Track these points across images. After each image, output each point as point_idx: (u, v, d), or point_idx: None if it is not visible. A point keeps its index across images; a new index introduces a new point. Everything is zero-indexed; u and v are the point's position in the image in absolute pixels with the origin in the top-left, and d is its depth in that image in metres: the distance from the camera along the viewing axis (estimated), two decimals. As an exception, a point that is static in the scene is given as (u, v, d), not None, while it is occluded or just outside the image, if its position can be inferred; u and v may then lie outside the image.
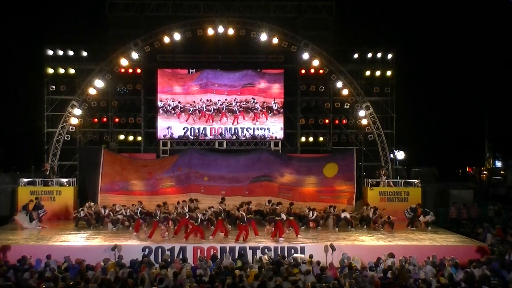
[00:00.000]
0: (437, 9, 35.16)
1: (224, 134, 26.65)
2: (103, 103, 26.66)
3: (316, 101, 27.62)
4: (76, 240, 17.75)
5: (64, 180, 23.81)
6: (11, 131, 34.47)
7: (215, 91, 26.65)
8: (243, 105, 26.69)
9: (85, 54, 26.57)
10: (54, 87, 26.50)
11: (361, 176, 24.56)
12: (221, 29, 24.83)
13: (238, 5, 26.73)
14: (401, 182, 24.05)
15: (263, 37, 24.96)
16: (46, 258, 14.51)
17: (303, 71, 26.94)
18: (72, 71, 26.61)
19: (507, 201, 25.42)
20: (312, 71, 26.43)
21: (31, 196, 21.88)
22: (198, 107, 26.61)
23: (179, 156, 24.08)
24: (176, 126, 26.63)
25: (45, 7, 32.06)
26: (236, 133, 26.64)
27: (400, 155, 34.91)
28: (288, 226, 18.50)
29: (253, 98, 26.69)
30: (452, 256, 14.58)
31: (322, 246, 16.51)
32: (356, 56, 27.12)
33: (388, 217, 20.30)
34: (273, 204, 19.75)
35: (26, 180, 23.35)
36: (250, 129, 26.73)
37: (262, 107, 26.67)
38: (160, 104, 26.66)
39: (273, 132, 26.79)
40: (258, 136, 26.69)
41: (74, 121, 25.43)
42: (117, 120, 27.17)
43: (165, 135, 26.66)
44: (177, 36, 24.91)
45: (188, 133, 26.62)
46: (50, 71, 26.47)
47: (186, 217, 18.17)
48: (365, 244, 17.42)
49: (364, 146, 27.06)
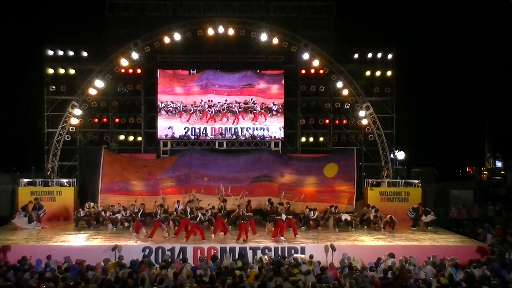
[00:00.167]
0: (437, 9, 35.21)
1: (224, 134, 26.71)
2: (103, 103, 26.65)
3: (316, 101, 27.63)
4: (76, 241, 17.75)
5: (64, 180, 23.81)
6: (11, 131, 34.49)
7: (215, 92, 26.72)
8: (243, 106, 26.75)
9: (85, 54, 26.55)
10: (54, 87, 26.48)
11: (361, 176, 24.56)
12: (221, 29, 24.81)
13: (238, 5, 26.71)
14: (401, 182, 24.05)
15: (263, 37, 24.95)
16: (46, 259, 14.54)
17: (303, 71, 26.94)
18: (72, 71, 26.58)
19: (507, 201, 25.41)
20: (312, 71, 26.40)
21: (31, 197, 21.90)
22: (199, 107, 26.67)
23: (179, 156, 24.07)
24: (177, 126, 26.69)
25: (45, 7, 32.10)
26: (236, 132, 26.70)
27: (400, 155, 34.93)
28: (287, 225, 18.50)
29: (252, 99, 26.77)
30: (452, 256, 14.60)
31: (322, 246, 16.53)
32: (356, 56, 27.11)
33: (390, 217, 20.29)
34: (273, 203, 19.72)
35: (26, 180, 23.34)
36: (250, 129, 26.79)
37: (261, 107, 26.74)
38: (161, 104, 26.66)
39: (272, 132, 26.84)
40: (257, 136, 26.75)
41: (74, 121, 25.42)
42: (117, 120, 27.16)
43: (166, 134, 26.69)
44: (177, 36, 24.90)
45: (189, 133, 26.68)
46: (50, 71, 26.44)
47: (187, 217, 18.13)
48: (365, 244, 17.42)
49: (364, 146, 27.06)
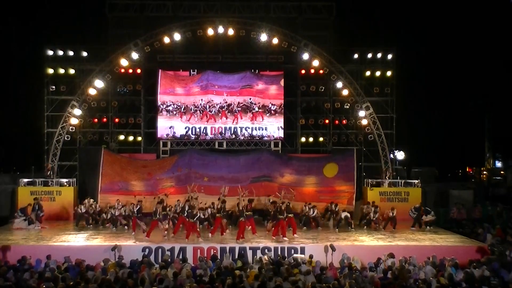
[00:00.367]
0: (437, 9, 35.21)
1: (224, 133, 26.82)
2: (103, 103, 26.66)
3: (316, 101, 27.65)
4: (76, 240, 17.76)
5: (64, 180, 23.83)
6: (11, 131, 34.50)
7: (215, 92, 26.87)
8: (242, 106, 26.87)
9: (85, 54, 26.55)
10: (54, 87, 26.50)
11: (361, 176, 24.57)
12: (221, 29, 24.80)
13: (238, 5, 26.72)
14: (401, 183, 24.04)
15: (263, 37, 24.93)
16: (46, 259, 14.53)
17: (303, 72, 26.96)
18: (72, 71, 26.60)
19: (507, 202, 25.39)
20: (312, 71, 26.40)
21: (31, 197, 21.95)
22: (199, 107, 26.80)
23: (178, 157, 24.06)
24: (178, 125, 26.81)
25: (45, 7, 32.10)
26: (236, 132, 26.83)
27: (400, 155, 34.93)
28: (287, 224, 18.47)
29: (250, 99, 26.88)
30: (452, 256, 14.60)
31: (322, 246, 16.53)
32: (356, 56, 27.12)
33: (392, 212, 20.24)
34: (276, 202, 19.61)
35: (26, 180, 23.36)
36: (249, 128, 26.91)
37: (259, 107, 26.88)
38: (162, 105, 26.74)
39: (270, 131, 26.94)
40: (256, 135, 26.85)
41: (74, 121, 25.41)
42: (117, 120, 27.18)
43: (167, 134, 26.77)
44: (177, 36, 24.89)
45: (189, 132, 26.81)
46: (50, 71, 26.45)
47: (184, 215, 18.13)
48: (365, 244, 17.43)
49: (364, 146, 27.07)
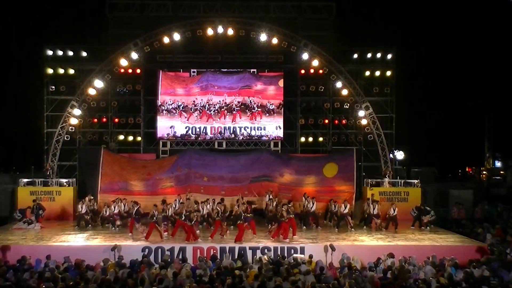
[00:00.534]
0: (437, 9, 35.15)
1: (223, 133, 26.95)
2: (103, 103, 26.67)
3: (315, 101, 27.69)
4: (76, 241, 17.75)
5: (64, 180, 23.81)
6: (11, 131, 34.44)
7: (215, 93, 27.08)
8: (241, 106, 27.03)
9: (85, 54, 26.58)
10: (53, 87, 26.54)
11: (360, 176, 24.56)
12: (220, 29, 24.81)
13: (238, 5, 26.75)
14: (400, 182, 24.03)
15: (263, 37, 24.95)
16: (45, 259, 14.52)
17: (302, 71, 27.00)
18: (71, 71, 26.64)
19: (508, 202, 25.36)
20: (312, 71, 26.44)
21: (31, 197, 21.96)
22: (199, 107, 26.93)
23: (178, 157, 24.07)
24: (178, 125, 26.98)
25: (45, 7, 32.03)
26: (235, 131, 27.02)
27: (399, 155, 34.90)
28: (288, 225, 18.42)
29: (250, 99, 27.02)
30: (452, 256, 14.61)
31: (322, 246, 16.52)
32: (355, 56, 27.15)
33: (393, 209, 20.23)
34: (278, 205, 19.59)
35: (26, 180, 23.33)
36: (248, 128, 27.06)
37: (258, 107, 27.04)
38: (163, 105, 26.85)
39: (268, 131, 27.08)
40: (254, 135, 27.02)
41: (73, 121, 25.43)
42: (116, 120, 27.21)
43: (168, 133, 26.91)
44: (176, 36, 24.89)
45: (190, 132, 26.97)
46: (50, 71, 26.49)
47: (182, 219, 18.10)
48: (365, 244, 17.43)
49: (363, 146, 27.08)
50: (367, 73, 27.04)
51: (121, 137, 27.57)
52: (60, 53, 26.40)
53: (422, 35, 35.58)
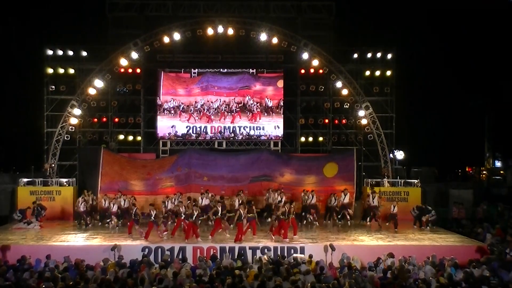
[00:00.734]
0: (437, 10, 35.12)
1: (223, 132, 27.06)
2: (103, 103, 26.69)
3: (315, 101, 27.70)
4: (76, 240, 17.76)
5: (64, 180, 23.82)
6: (11, 131, 34.43)
7: (215, 93, 27.23)
8: (240, 106, 27.15)
9: (85, 54, 26.59)
10: (53, 87, 26.55)
11: (361, 176, 24.57)
12: (220, 29, 24.83)
13: (237, 5, 26.75)
14: (401, 182, 24.04)
15: (263, 37, 24.98)
16: (45, 258, 14.52)
17: (302, 71, 27.02)
18: (71, 71, 26.65)
19: (508, 202, 25.34)
20: (312, 71, 26.47)
21: (31, 196, 21.97)
22: (200, 107, 27.08)
23: (178, 156, 24.07)
24: (179, 125, 27.11)
25: (45, 7, 32.00)
26: (234, 131, 27.15)
27: (399, 155, 34.91)
28: (289, 224, 18.42)
29: (249, 99, 27.09)
30: (452, 256, 14.61)
31: (321, 246, 16.52)
32: (355, 56, 27.15)
33: (393, 207, 20.26)
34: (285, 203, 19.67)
35: (26, 180, 23.34)
36: (247, 127, 27.17)
37: (257, 107, 27.14)
38: (165, 104, 26.95)
39: (267, 131, 27.21)
40: (253, 134, 27.15)
41: (73, 121, 25.44)
42: (116, 120, 27.22)
43: (169, 133, 27.04)
44: (176, 36, 24.91)
45: (190, 131, 27.11)
46: (50, 71, 26.50)
47: (182, 217, 18.11)
48: (365, 244, 17.42)
49: (363, 146, 27.09)
50: (367, 73, 27.04)
51: (121, 137, 27.57)
52: (60, 52, 26.41)
53: (422, 35, 35.56)
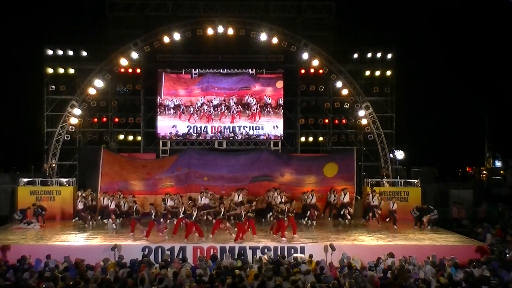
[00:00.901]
0: (437, 10, 35.12)
1: (223, 132, 27.15)
2: (103, 103, 26.69)
3: (316, 101, 27.70)
4: (76, 240, 17.76)
5: (64, 180, 23.81)
6: (11, 131, 34.43)
7: (215, 94, 27.28)
8: (240, 106, 27.19)
9: (85, 54, 26.58)
10: (53, 87, 26.54)
11: (361, 176, 24.57)
12: (221, 29, 24.83)
13: (238, 5, 26.75)
14: (400, 182, 24.04)
15: (263, 37, 24.97)
16: (45, 258, 14.53)
17: (303, 71, 27.02)
18: (72, 71, 26.64)
19: (508, 202, 25.34)
20: (312, 71, 26.47)
21: (31, 196, 21.96)
22: (200, 107, 27.17)
23: (178, 156, 24.07)
24: (180, 124, 27.20)
25: (45, 7, 32.00)
26: (234, 131, 27.24)
27: (399, 155, 34.90)
28: (288, 224, 18.43)
29: (248, 100, 27.18)
30: (452, 256, 14.60)
31: (322, 246, 16.53)
32: (355, 56, 27.14)
33: (392, 205, 20.23)
34: (281, 203, 19.74)
35: (26, 180, 23.34)
36: (246, 127, 27.27)
37: (256, 107, 27.21)
38: (166, 105, 26.99)
39: (266, 130, 27.30)
40: (253, 134, 27.24)
41: (73, 121, 25.44)
42: (116, 120, 27.23)
43: (171, 132, 27.13)
44: (176, 36, 24.91)
45: (191, 131, 27.20)
46: (50, 71, 26.49)
47: (181, 216, 18.12)
48: (365, 244, 17.42)
49: (364, 146, 27.10)
50: (367, 73, 27.05)
51: (121, 137, 27.57)
52: (60, 52, 26.41)
53: (422, 35, 35.57)
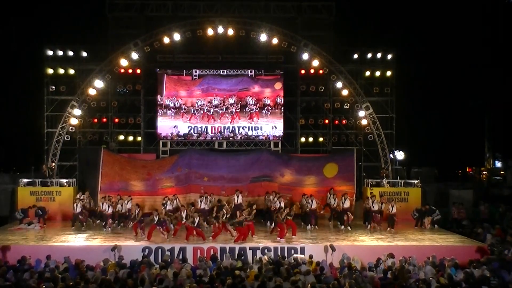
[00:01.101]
0: (437, 9, 35.15)
1: (223, 132, 27.22)
2: (103, 103, 26.68)
3: (316, 101, 27.68)
4: (76, 241, 17.76)
5: (64, 180, 23.81)
6: (11, 131, 34.45)
7: (215, 95, 27.28)
8: (239, 107, 27.22)
9: (85, 54, 26.55)
10: (54, 87, 26.52)
11: (361, 176, 24.56)
12: (221, 29, 24.83)
13: (238, 5, 26.72)
14: (401, 183, 24.03)
15: (263, 37, 24.97)
16: (46, 259, 14.54)
17: (303, 71, 26.99)
18: (72, 71, 26.60)
19: (508, 202, 25.33)
20: (312, 71, 26.45)
21: (31, 197, 21.98)
22: (200, 108, 27.19)
23: (178, 157, 24.08)
24: (181, 125, 27.23)
25: (45, 7, 32.04)
26: (234, 131, 27.25)
27: (400, 155, 34.87)
28: (287, 226, 18.43)
29: (247, 101, 27.19)
30: (452, 256, 14.61)
31: (322, 246, 16.53)
32: (356, 56, 27.12)
33: (391, 207, 20.23)
34: (280, 207, 19.65)
35: (26, 180, 23.33)
36: (246, 127, 27.28)
37: (255, 108, 27.24)
38: (168, 106, 26.99)
39: (265, 131, 27.29)
40: (252, 134, 27.25)
41: (74, 121, 25.44)
42: (116, 120, 27.21)
43: (172, 133, 27.13)
44: (177, 36, 24.91)
45: (192, 131, 27.23)
46: (50, 71, 26.46)
47: (183, 221, 18.10)
48: (365, 244, 17.42)
49: (364, 146, 27.08)
50: (367, 73, 27.02)
51: (121, 137, 27.54)
52: (60, 53, 26.37)
53: (422, 35, 35.59)
